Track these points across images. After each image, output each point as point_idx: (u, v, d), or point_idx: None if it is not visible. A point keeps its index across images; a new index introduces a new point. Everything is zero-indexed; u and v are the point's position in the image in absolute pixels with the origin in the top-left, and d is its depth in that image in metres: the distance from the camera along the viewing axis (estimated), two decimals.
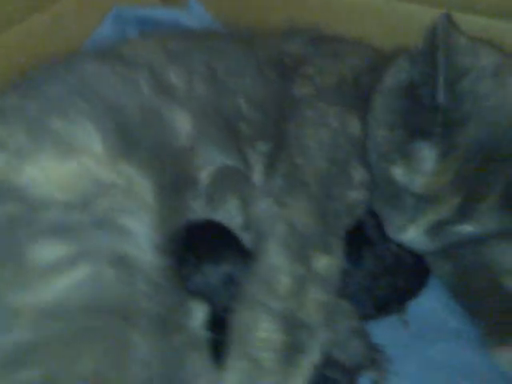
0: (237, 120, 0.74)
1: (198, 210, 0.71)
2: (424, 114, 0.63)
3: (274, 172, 0.71)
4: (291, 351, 0.60)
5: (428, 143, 0.63)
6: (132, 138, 0.66)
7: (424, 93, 0.62)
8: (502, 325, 0.69)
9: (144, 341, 0.56)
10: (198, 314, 0.68)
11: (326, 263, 0.65)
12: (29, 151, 0.61)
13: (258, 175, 0.74)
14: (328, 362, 0.64)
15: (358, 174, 0.71)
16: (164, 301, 0.60)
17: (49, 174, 0.60)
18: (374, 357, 0.68)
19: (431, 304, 0.75)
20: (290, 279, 0.63)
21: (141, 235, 0.61)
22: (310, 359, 0.61)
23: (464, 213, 0.64)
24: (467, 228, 0.65)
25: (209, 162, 0.72)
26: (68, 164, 0.61)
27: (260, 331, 0.60)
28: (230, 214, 0.73)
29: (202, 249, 0.69)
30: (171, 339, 0.61)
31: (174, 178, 0.68)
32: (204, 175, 0.72)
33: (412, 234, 0.67)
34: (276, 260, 0.64)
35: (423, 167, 0.64)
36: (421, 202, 0.65)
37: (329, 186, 0.69)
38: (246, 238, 0.72)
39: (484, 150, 0.62)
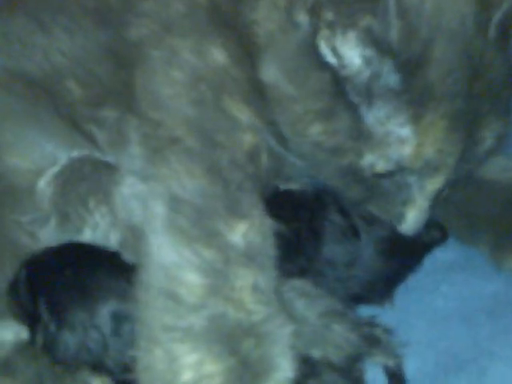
0: (62, 90, 0.60)
1: (43, 235, 0.57)
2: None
3: (126, 142, 0.56)
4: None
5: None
6: None
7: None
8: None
9: None
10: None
11: (245, 231, 0.50)
12: None
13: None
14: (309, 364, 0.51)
15: (244, 115, 0.55)
16: None
17: None
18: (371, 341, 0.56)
19: None
20: (199, 274, 0.48)
21: None
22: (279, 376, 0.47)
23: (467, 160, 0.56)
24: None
25: (44, 162, 0.58)
26: None
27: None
28: (100, 231, 0.57)
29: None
30: None
31: None
32: (42, 184, 0.58)
33: (414, 219, 0.58)
34: (166, 256, 0.49)
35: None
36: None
37: (209, 134, 0.53)
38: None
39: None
